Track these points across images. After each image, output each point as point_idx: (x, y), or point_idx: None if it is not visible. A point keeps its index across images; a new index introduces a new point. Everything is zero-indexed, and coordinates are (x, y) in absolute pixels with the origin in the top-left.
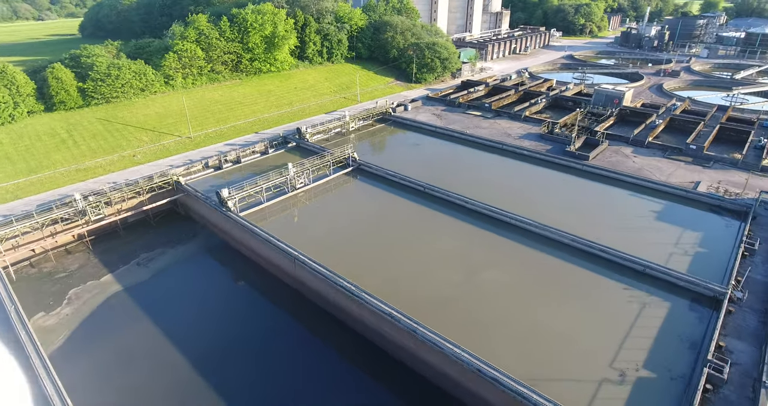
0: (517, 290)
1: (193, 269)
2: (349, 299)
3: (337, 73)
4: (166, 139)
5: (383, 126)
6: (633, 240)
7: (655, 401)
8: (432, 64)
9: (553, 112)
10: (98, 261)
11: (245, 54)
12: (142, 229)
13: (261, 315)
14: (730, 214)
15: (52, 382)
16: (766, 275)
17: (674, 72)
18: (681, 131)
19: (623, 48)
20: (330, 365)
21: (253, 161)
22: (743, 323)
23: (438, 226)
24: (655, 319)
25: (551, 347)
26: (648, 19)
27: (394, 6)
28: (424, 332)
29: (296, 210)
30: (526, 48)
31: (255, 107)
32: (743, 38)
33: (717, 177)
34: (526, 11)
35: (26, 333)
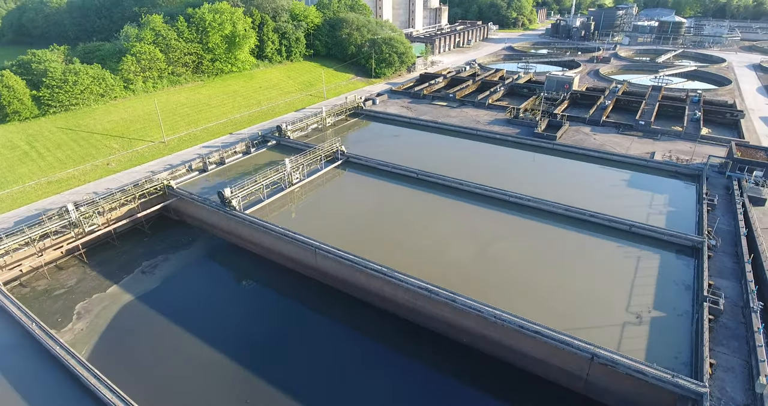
0: (526, 257)
1: (202, 272)
2: (380, 281)
3: (298, 72)
4: (139, 145)
5: (357, 120)
6: (612, 205)
7: (671, 334)
8: (390, 59)
9: (511, 99)
10: (97, 274)
11: (206, 55)
12: (136, 237)
13: (285, 309)
14: (686, 177)
15: (112, 391)
16: (729, 224)
17: (605, 59)
18: (626, 110)
19: (555, 38)
20: (367, 347)
21: (237, 162)
22: (721, 264)
23: (437, 208)
24: (650, 269)
25: (570, 301)
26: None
27: (345, 3)
28: (463, 300)
29: (297, 205)
30: (469, 41)
31: (224, 108)
32: (657, 26)
33: (667, 147)
34: (462, 6)
35: (61, 347)
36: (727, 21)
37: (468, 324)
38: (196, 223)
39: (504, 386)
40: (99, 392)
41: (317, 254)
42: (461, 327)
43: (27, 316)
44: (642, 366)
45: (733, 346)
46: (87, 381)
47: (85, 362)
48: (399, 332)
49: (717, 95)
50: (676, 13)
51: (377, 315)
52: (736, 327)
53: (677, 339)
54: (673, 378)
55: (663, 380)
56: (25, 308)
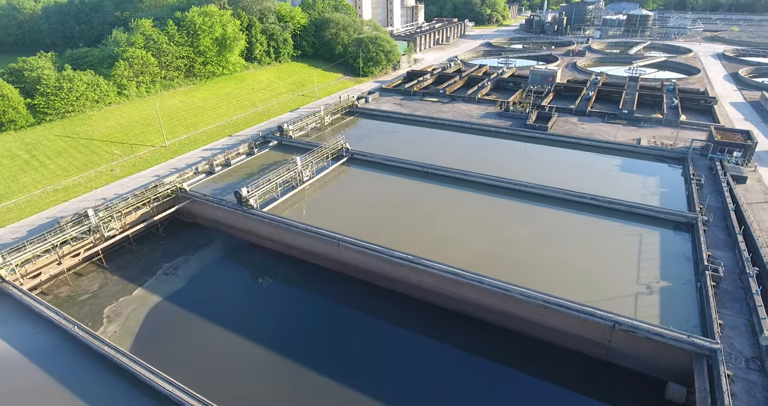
0: (535, 239)
1: (224, 271)
2: (406, 269)
3: (287, 73)
4: (140, 150)
5: (353, 118)
6: (608, 188)
7: (679, 301)
8: (377, 58)
9: (498, 93)
10: (119, 278)
11: (197, 58)
12: (152, 240)
13: (312, 302)
14: (672, 160)
15: (172, 383)
16: (717, 201)
17: (580, 52)
18: (608, 100)
19: (529, 34)
20: (395, 331)
21: (243, 163)
22: (715, 237)
23: (446, 199)
24: (652, 244)
25: (582, 277)
26: (553, 7)
27: (329, 3)
28: (489, 281)
29: (309, 201)
30: (448, 39)
31: (219, 111)
32: (625, 20)
33: (651, 133)
34: (437, 4)
35: (110, 346)
36: (690, 13)
37: (493, 303)
38: (210, 224)
39: (530, 359)
40: (158, 386)
41: (340, 247)
42: (487, 306)
43: (67, 320)
44: (660, 329)
45: (735, 308)
46: (144, 377)
47: (138, 359)
48: (426, 316)
49: (689, 84)
50: (641, 6)
51: (403, 301)
52: (735, 291)
53: (685, 305)
54: (689, 338)
55: (680, 340)
56: (63, 312)
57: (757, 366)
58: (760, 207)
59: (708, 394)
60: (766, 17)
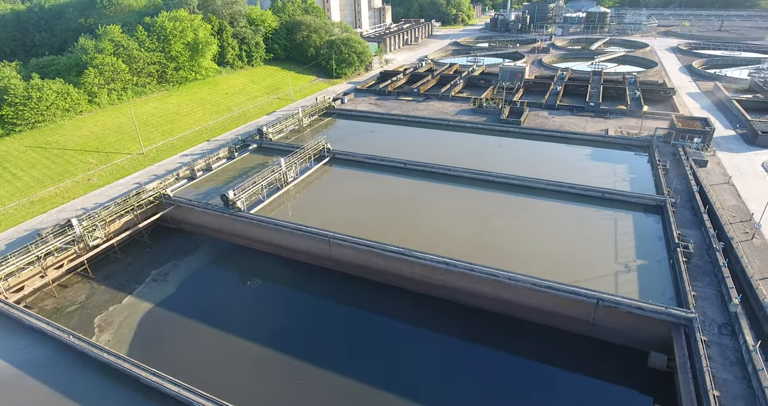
0: (518, 228)
1: (214, 274)
2: (398, 261)
3: (260, 76)
4: (117, 158)
5: (331, 119)
6: (582, 176)
7: (654, 277)
8: (350, 59)
9: (471, 90)
10: (106, 287)
11: (169, 63)
12: (137, 248)
13: (305, 300)
14: (638, 148)
15: (177, 384)
16: (682, 184)
17: (544, 49)
18: (575, 94)
19: (494, 32)
20: (390, 324)
21: (224, 167)
22: (683, 217)
23: (429, 193)
24: (626, 226)
25: (565, 260)
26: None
27: (299, 6)
28: (480, 268)
29: (295, 201)
30: (417, 39)
31: (195, 116)
32: (585, 17)
33: (617, 124)
34: (403, 5)
35: (109, 353)
36: (644, 10)
37: (485, 290)
38: (196, 229)
39: (521, 341)
40: (164, 388)
41: (331, 244)
42: (477, 293)
43: (61, 330)
44: (640, 303)
45: (706, 280)
46: (148, 380)
47: (141, 363)
48: (420, 307)
49: (648, 76)
50: (598, 4)
51: (397, 294)
52: (704, 265)
53: (661, 280)
54: (667, 309)
55: (659, 312)
56: (55, 322)
57: (728, 331)
58: (720, 188)
59: (687, 359)
60: (713, 12)
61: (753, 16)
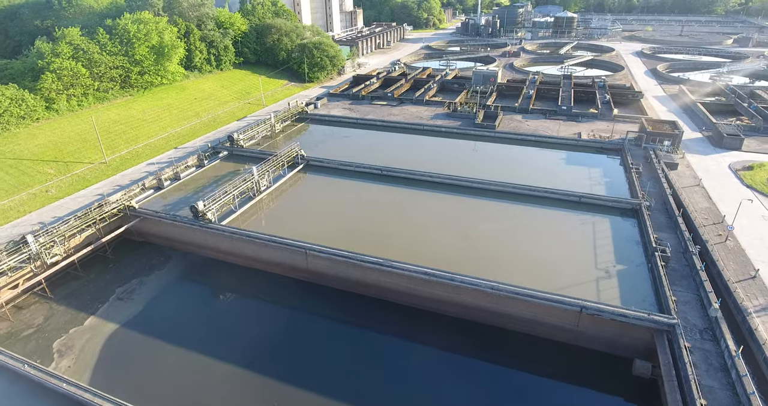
0: (498, 234)
1: (184, 290)
2: (377, 273)
3: (230, 81)
4: (77, 168)
5: (304, 124)
6: (558, 180)
7: (634, 282)
8: (322, 63)
9: (444, 94)
10: (66, 308)
11: (133, 68)
12: (100, 264)
13: (281, 315)
14: (611, 151)
15: None
16: (655, 187)
17: (515, 53)
18: (547, 98)
19: (465, 36)
20: (370, 337)
21: (193, 175)
22: (658, 220)
23: (407, 200)
24: (604, 231)
25: (546, 266)
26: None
27: (269, 9)
28: (461, 277)
29: (269, 211)
30: (389, 43)
31: (162, 123)
32: (553, 22)
33: (589, 127)
34: (374, 9)
35: (69, 383)
36: (609, 15)
37: (466, 299)
38: (163, 242)
39: (504, 349)
40: None
41: (308, 256)
42: (459, 303)
43: (14, 358)
44: (623, 310)
45: (684, 284)
46: None
47: (104, 394)
48: (401, 318)
49: (615, 80)
50: (564, 9)
51: (376, 305)
52: (682, 269)
53: (640, 285)
54: (650, 316)
55: (642, 318)
56: (7, 350)
57: (709, 336)
58: (692, 190)
59: (672, 367)
60: (674, 18)
61: (710, 21)
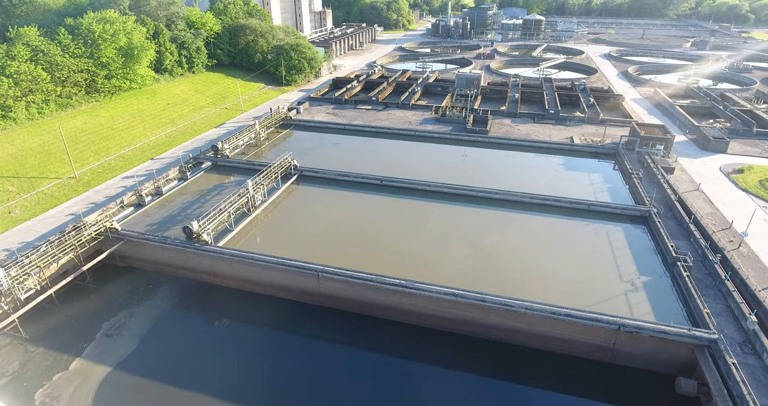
0: (513, 247)
1: (180, 321)
2: (398, 294)
3: (205, 84)
4: (43, 184)
5: (289, 131)
6: (560, 187)
7: (661, 293)
8: (300, 65)
9: (428, 98)
10: (45, 350)
11: (100, 71)
12: (81, 295)
13: (293, 343)
14: (605, 156)
15: None
16: (658, 192)
17: (489, 55)
18: (531, 101)
19: (436, 38)
20: (392, 363)
21: (177, 190)
22: (668, 227)
23: (411, 212)
24: (618, 240)
25: (570, 280)
26: (452, 12)
27: (242, 9)
28: (492, 298)
29: (266, 229)
30: (361, 44)
31: (134, 131)
32: (521, 24)
33: (578, 131)
34: (343, 9)
35: None
36: (575, 18)
37: (495, 320)
38: (150, 266)
39: (537, 371)
40: None
41: (320, 278)
42: (488, 324)
43: None
44: (663, 327)
45: (710, 294)
46: None
47: None
48: (423, 342)
49: (591, 83)
50: (528, 11)
51: (396, 329)
52: (704, 279)
53: (667, 298)
54: (690, 332)
55: (682, 335)
56: None
57: (750, 349)
58: (692, 195)
59: (722, 385)
60: (632, 21)
61: (666, 25)
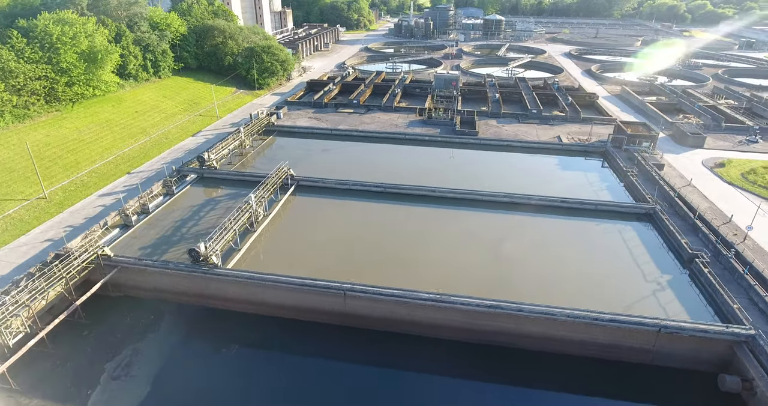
0: (531, 251)
1: (198, 353)
2: (431, 309)
3: (173, 90)
4: (9, 207)
5: (272, 138)
6: (559, 187)
7: (686, 289)
8: (273, 68)
9: (408, 99)
10: (42, 402)
11: (59, 78)
12: (73, 333)
13: (324, 367)
14: (593, 154)
15: None
16: (656, 190)
17: (456, 55)
18: (509, 101)
19: (399, 38)
20: (430, 380)
21: (165, 206)
22: (676, 223)
23: (421, 220)
24: (634, 239)
25: (594, 282)
26: (406, 12)
27: (207, 9)
28: (530, 307)
29: (273, 246)
30: (326, 44)
31: (103, 143)
32: (482, 24)
33: (564, 130)
34: (302, 9)
35: None
36: (532, 17)
37: (534, 330)
38: (148, 295)
39: (579, 378)
40: None
41: (347, 297)
42: (527, 334)
43: None
44: (703, 326)
45: (732, 289)
46: None
47: None
48: (458, 356)
49: (561, 81)
50: (485, 12)
51: (427, 345)
52: (722, 273)
53: (691, 294)
54: (729, 329)
55: (722, 332)
56: None
57: None
58: (686, 190)
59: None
60: (582, 21)
61: (614, 24)
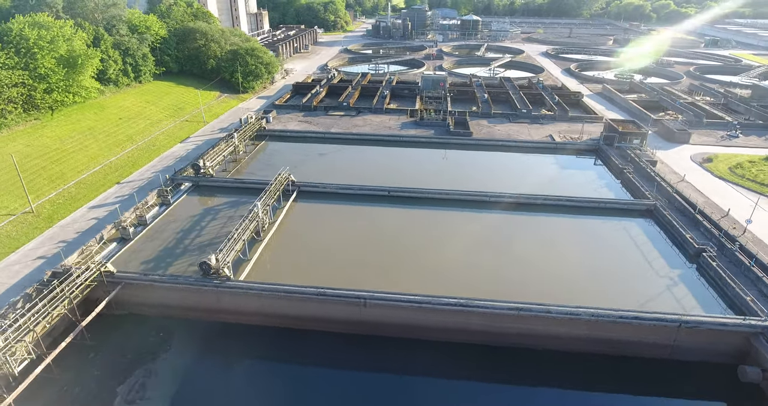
0: (540, 251)
1: (215, 371)
2: (454, 314)
3: (155, 95)
4: None
5: (265, 143)
6: (557, 186)
7: (696, 283)
8: (257, 71)
9: (397, 101)
10: None
11: (38, 84)
12: (78, 356)
13: (348, 377)
14: (587, 152)
15: None
16: (653, 186)
17: (437, 55)
18: (497, 101)
19: (378, 39)
20: (455, 386)
21: (163, 217)
22: (678, 218)
23: (428, 222)
24: (639, 236)
25: (612, 281)
26: (381, 13)
27: (186, 11)
28: (557, 309)
29: (283, 254)
30: (306, 46)
31: (88, 152)
32: (460, 24)
33: (554, 129)
34: (278, 11)
35: None
36: (507, 17)
37: (560, 330)
38: (154, 311)
39: (602, 375)
40: None
41: (366, 306)
42: (554, 335)
43: None
44: (721, 319)
45: (740, 281)
46: None
47: None
48: (480, 359)
49: (544, 81)
50: (458, 13)
51: (449, 350)
52: (728, 266)
53: (701, 288)
54: (746, 321)
55: (739, 324)
56: None
57: None
58: (681, 185)
59: None
60: (554, 20)
61: (585, 24)
